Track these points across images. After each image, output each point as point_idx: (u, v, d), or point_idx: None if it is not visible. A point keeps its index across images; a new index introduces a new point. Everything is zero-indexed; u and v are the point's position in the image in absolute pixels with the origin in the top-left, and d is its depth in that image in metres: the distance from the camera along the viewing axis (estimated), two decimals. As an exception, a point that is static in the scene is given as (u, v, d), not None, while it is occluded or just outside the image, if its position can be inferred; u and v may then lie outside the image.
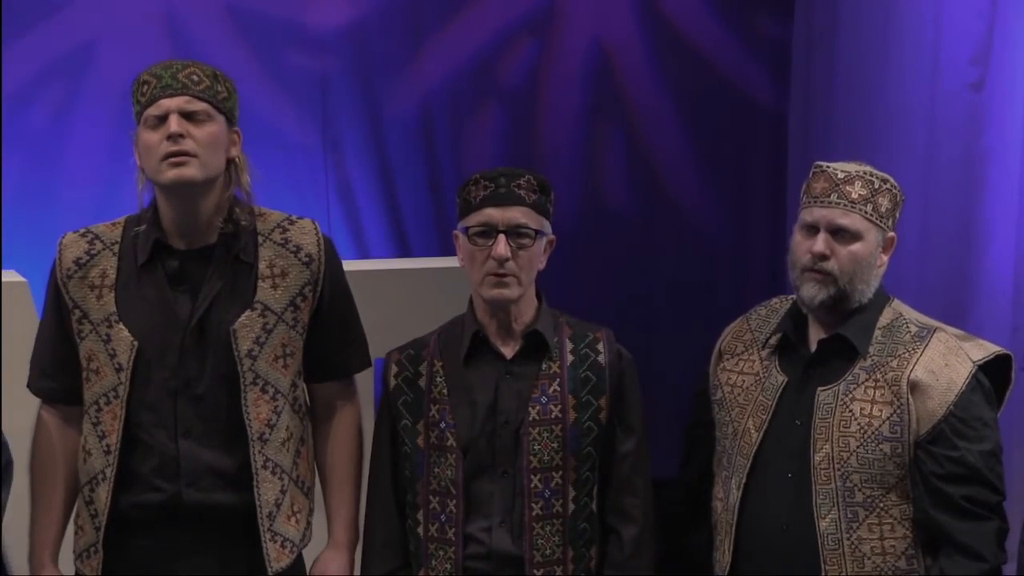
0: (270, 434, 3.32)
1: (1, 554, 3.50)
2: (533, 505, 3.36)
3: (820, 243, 3.29)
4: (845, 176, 3.32)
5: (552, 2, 6.09)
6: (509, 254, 3.33)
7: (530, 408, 3.38)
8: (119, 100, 5.13)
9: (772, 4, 6.20)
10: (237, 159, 3.33)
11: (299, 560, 3.42)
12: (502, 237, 3.34)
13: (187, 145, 3.22)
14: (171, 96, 3.24)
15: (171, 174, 3.22)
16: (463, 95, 6.03)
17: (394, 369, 3.47)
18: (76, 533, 3.38)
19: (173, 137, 3.21)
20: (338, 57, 5.94)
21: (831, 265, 3.29)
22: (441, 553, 3.39)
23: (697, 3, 6.19)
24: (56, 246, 3.36)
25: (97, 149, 5.59)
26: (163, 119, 3.23)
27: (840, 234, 3.30)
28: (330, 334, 3.41)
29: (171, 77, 3.26)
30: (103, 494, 3.29)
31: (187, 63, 3.29)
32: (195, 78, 3.27)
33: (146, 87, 3.26)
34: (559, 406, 3.39)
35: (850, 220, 3.30)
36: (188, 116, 3.24)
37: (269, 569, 3.32)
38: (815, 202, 3.33)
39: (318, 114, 6.00)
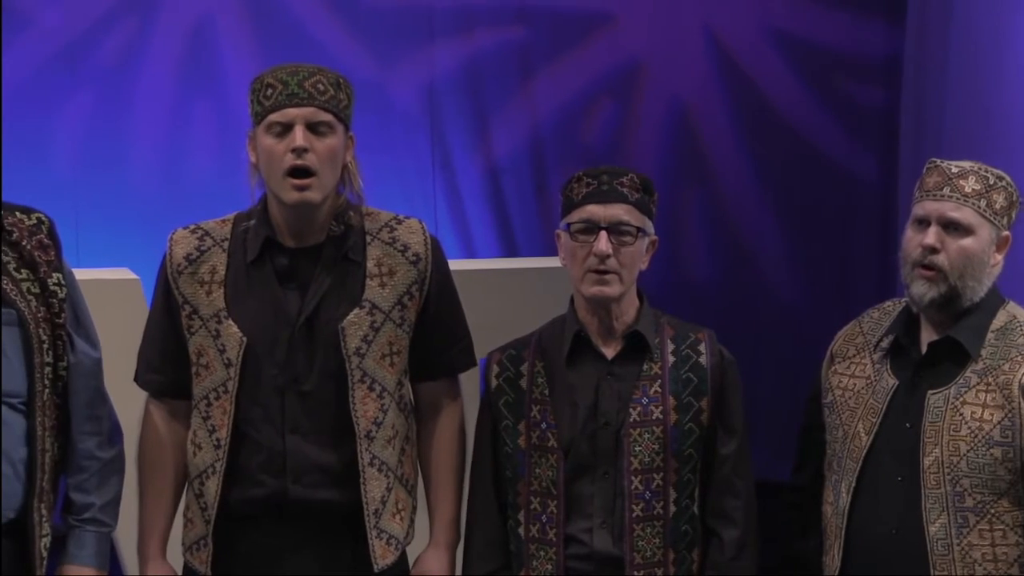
0: (377, 432, 3.33)
1: (114, 545, 3.55)
2: (634, 507, 3.35)
3: (931, 236, 3.24)
4: (959, 171, 3.27)
5: (634, 64, 6.07)
6: (610, 251, 3.32)
7: (631, 409, 3.36)
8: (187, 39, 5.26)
9: (857, 66, 6.16)
10: (349, 163, 3.34)
11: (403, 558, 3.43)
12: (603, 234, 3.33)
13: (310, 160, 3.23)
14: (298, 106, 3.24)
15: (295, 197, 3.24)
16: (549, 144, 6.03)
17: (495, 369, 3.47)
18: (185, 526, 3.41)
19: (297, 151, 3.23)
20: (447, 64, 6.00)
21: (941, 259, 3.24)
22: (542, 554, 3.38)
23: (780, 67, 6.17)
24: (166, 242, 3.39)
25: (166, 87, 5.66)
26: (287, 128, 3.24)
27: (951, 228, 3.24)
28: (436, 333, 3.42)
29: (298, 85, 3.26)
30: (213, 488, 3.32)
31: (313, 70, 3.29)
32: (320, 87, 3.27)
33: (270, 91, 3.26)
34: (660, 407, 3.37)
35: (962, 214, 3.25)
36: (312, 127, 3.25)
37: (375, 566, 3.33)
38: (927, 196, 3.28)
39: (426, 116, 6.03)
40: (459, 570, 3.49)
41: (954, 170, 3.27)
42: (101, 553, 3.35)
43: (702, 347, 3.42)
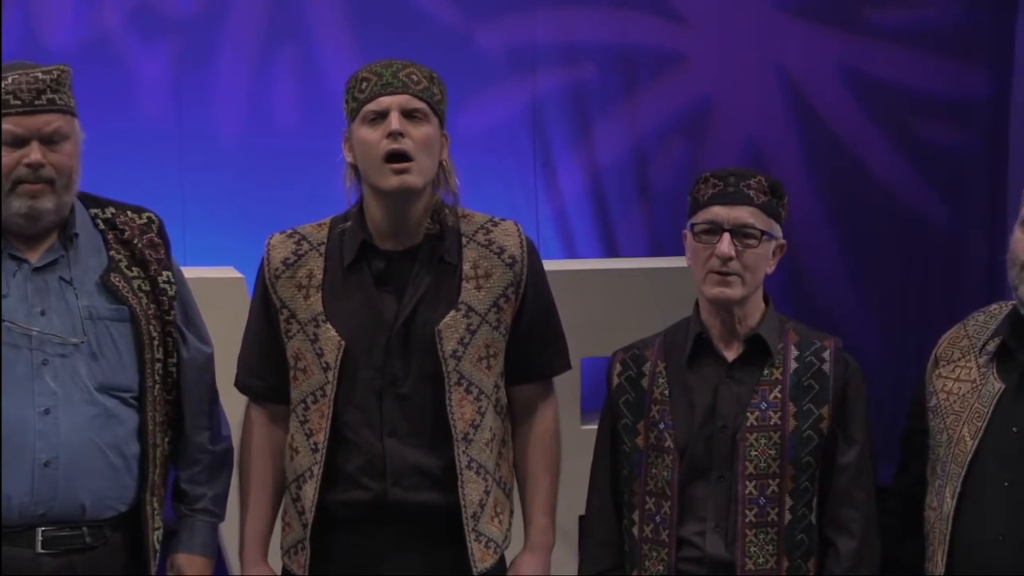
0: (474, 434, 3.33)
1: (220, 546, 3.60)
2: (747, 512, 3.31)
3: None
4: None
5: (706, 103, 6.04)
6: (733, 253, 3.29)
7: (748, 413, 3.33)
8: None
9: (932, 108, 6.07)
10: (444, 162, 3.35)
11: (502, 561, 3.42)
12: (726, 235, 3.30)
13: (406, 144, 3.24)
14: (392, 94, 3.27)
15: (394, 181, 3.25)
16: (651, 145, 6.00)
17: (618, 368, 3.46)
18: (283, 530, 3.42)
19: (393, 135, 3.24)
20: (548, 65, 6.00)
21: None
22: (654, 555, 3.36)
23: (854, 107, 6.10)
24: (264, 247, 3.41)
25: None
26: (382, 116, 3.26)
27: None
28: (531, 336, 3.41)
29: (392, 75, 3.28)
30: (310, 491, 3.33)
31: (406, 63, 3.31)
32: (414, 78, 3.29)
33: (365, 84, 3.29)
34: (779, 413, 3.33)
35: None
36: (407, 115, 3.26)
37: (474, 569, 3.32)
38: None
39: (528, 116, 6.04)
40: (554, 569, 3.48)
41: None
42: (211, 543, 3.43)
43: (826, 354, 3.38)
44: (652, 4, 6.11)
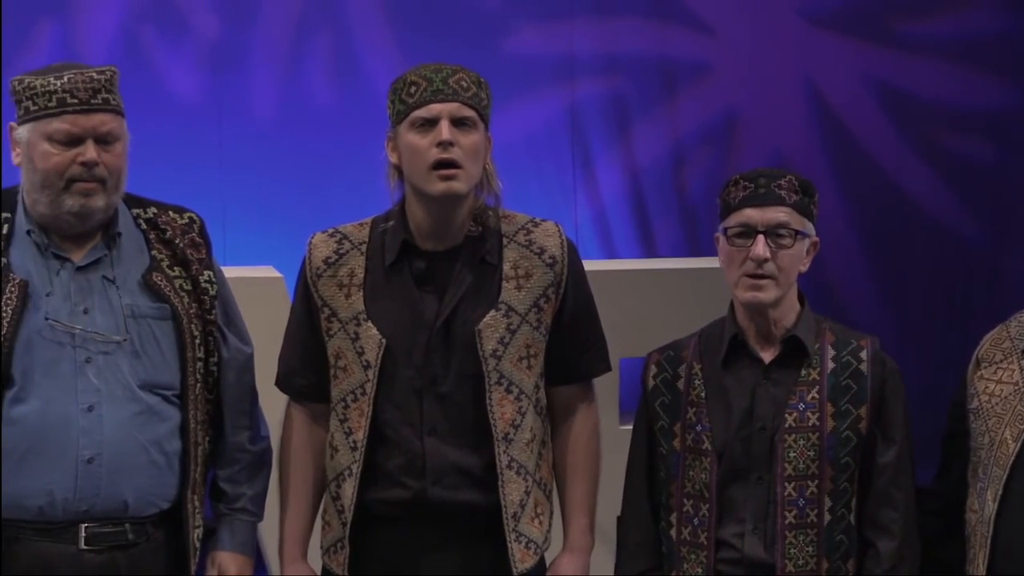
0: (514, 434, 3.33)
1: (259, 544, 3.61)
2: (786, 513, 3.30)
3: None
4: None
5: (730, 114, 6.02)
6: (767, 255, 3.28)
7: (787, 415, 3.32)
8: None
9: (962, 121, 6.03)
10: (487, 165, 3.35)
11: (542, 562, 3.41)
12: (760, 238, 3.29)
13: (456, 154, 3.24)
14: (443, 101, 3.26)
15: (441, 187, 3.25)
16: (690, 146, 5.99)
17: (653, 370, 3.45)
18: (323, 529, 3.42)
19: (443, 144, 3.24)
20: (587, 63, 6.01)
21: None
22: (693, 557, 3.36)
23: (882, 120, 6.09)
24: (305, 246, 3.42)
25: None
26: (431, 123, 3.26)
27: None
28: (571, 337, 3.40)
29: (442, 82, 3.28)
30: (349, 490, 3.33)
31: (456, 68, 3.32)
32: (464, 84, 3.29)
33: (414, 88, 3.28)
34: (817, 414, 3.32)
35: None
36: (456, 123, 3.26)
37: (514, 569, 3.32)
38: None
39: (567, 116, 6.04)
40: (593, 570, 3.48)
41: None
42: (251, 542, 3.44)
43: (863, 354, 3.36)
44: (681, 14, 6.10)
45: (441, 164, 3.25)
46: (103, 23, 5.84)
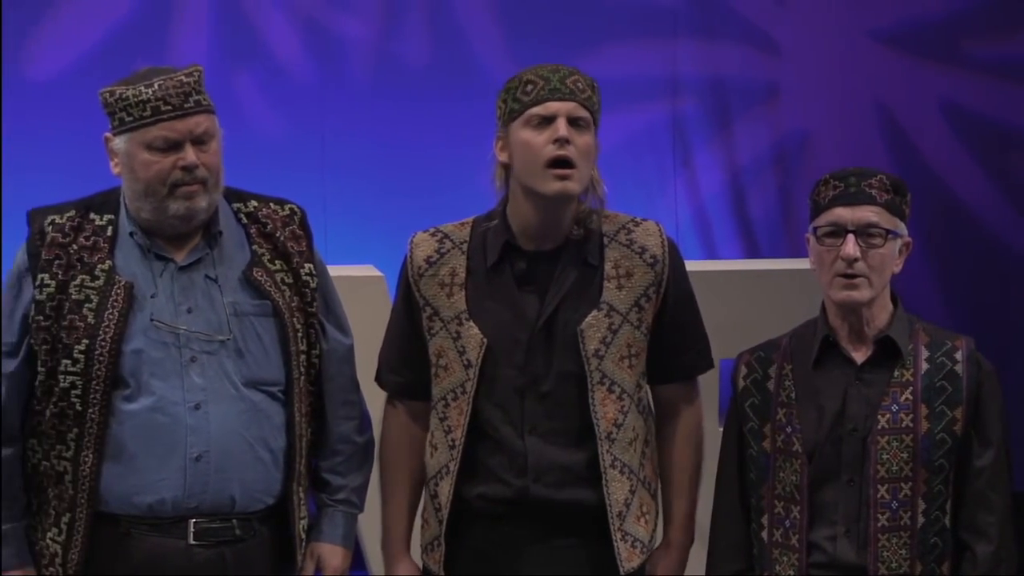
0: (617, 433, 3.33)
1: (358, 541, 3.62)
2: (879, 516, 3.27)
3: None
4: None
5: (803, 135, 5.96)
6: (858, 254, 3.26)
7: (879, 416, 3.29)
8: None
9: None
10: (593, 170, 3.35)
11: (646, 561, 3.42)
12: (851, 237, 3.27)
13: (571, 152, 3.26)
14: (560, 100, 3.27)
15: (556, 186, 3.26)
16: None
17: (743, 371, 3.43)
18: (422, 526, 3.45)
19: (560, 141, 3.25)
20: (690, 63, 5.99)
21: None
22: (784, 559, 3.34)
23: (953, 142, 6.00)
24: (407, 245, 3.44)
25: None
26: (548, 121, 3.27)
27: None
28: (673, 336, 3.40)
29: (559, 81, 3.29)
30: (446, 488, 3.35)
31: (571, 70, 3.33)
32: (580, 85, 3.30)
33: (530, 87, 3.29)
34: (911, 415, 3.28)
35: None
36: (572, 122, 3.27)
37: (621, 569, 3.32)
38: None
39: (668, 117, 6.02)
40: (690, 570, 3.46)
41: None
42: (351, 535, 3.45)
43: (958, 355, 3.33)
44: (748, 34, 6.05)
45: (557, 162, 3.26)
46: (212, 21, 5.89)
